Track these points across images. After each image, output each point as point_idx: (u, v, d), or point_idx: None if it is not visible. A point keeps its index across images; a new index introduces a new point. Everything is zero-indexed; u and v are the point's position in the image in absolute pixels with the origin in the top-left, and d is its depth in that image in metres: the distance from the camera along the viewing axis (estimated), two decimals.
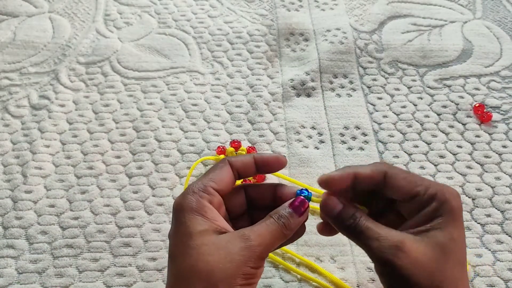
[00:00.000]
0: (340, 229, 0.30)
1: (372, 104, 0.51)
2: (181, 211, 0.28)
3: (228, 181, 0.30)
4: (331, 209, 0.29)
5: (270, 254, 0.38)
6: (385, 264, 0.27)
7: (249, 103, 0.51)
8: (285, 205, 0.29)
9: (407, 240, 0.27)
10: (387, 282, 0.28)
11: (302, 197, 0.30)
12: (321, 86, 0.53)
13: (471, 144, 0.47)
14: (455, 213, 0.28)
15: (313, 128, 0.49)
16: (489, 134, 0.48)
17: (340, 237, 0.38)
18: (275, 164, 0.31)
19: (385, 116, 0.50)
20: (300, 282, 0.37)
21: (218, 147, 0.46)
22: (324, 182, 0.30)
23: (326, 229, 0.32)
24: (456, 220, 0.28)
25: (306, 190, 0.30)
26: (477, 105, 0.50)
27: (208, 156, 0.45)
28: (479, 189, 0.44)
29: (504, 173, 0.45)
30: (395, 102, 0.51)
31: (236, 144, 0.46)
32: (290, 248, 0.39)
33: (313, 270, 0.38)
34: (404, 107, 0.51)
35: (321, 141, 0.47)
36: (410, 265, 0.26)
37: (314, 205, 0.36)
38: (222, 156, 0.45)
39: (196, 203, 0.28)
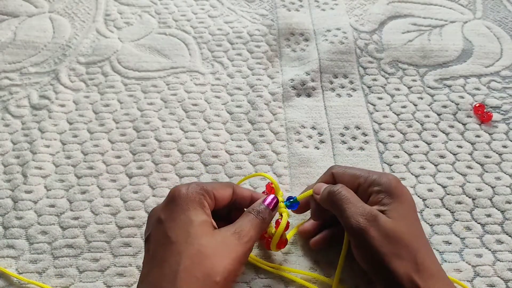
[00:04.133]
0: (324, 200, 0.34)
1: (372, 104, 0.51)
2: (183, 198, 0.31)
3: (226, 201, 0.34)
4: (319, 188, 0.35)
5: (269, 264, 0.38)
6: (359, 234, 0.30)
7: (249, 103, 0.51)
8: (259, 202, 0.34)
9: (380, 213, 0.31)
10: (359, 253, 0.31)
11: (272, 195, 0.35)
12: (321, 86, 0.53)
13: (471, 144, 0.47)
14: (394, 189, 0.32)
15: (313, 128, 0.49)
16: (489, 134, 0.48)
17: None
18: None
19: (385, 116, 0.50)
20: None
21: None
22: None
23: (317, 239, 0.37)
24: (397, 195, 0.32)
25: (293, 197, 0.37)
26: (477, 105, 0.50)
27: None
28: (479, 189, 0.44)
29: (504, 173, 0.45)
30: (396, 102, 0.51)
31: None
32: (290, 265, 0.39)
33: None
34: (404, 107, 0.51)
35: (322, 141, 0.47)
36: (381, 237, 0.30)
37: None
38: (275, 183, 0.39)
39: (200, 198, 0.31)
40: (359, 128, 0.49)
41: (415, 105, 0.51)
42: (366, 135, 0.48)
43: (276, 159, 0.46)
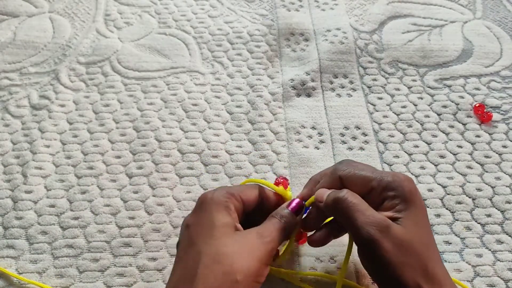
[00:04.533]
0: (329, 208, 0.32)
1: (372, 104, 0.51)
2: (209, 203, 0.31)
3: (253, 202, 0.34)
4: (321, 194, 0.33)
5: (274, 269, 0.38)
6: (370, 245, 0.29)
7: (249, 103, 0.51)
8: (283, 207, 0.34)
9: (392, 223, 0.30)
10: (368, 263, 0.30)
11: (297, 199, 0.34)
12: (321, 86, 0.53)
13: (471, 144, 0.47)
14: (409, 195, 0.31)
15: (313, 128, 0.49)
16: (489, 134, 0.48)
17: (339, 238, 0.37)
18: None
19: (385, 116, 0.50)
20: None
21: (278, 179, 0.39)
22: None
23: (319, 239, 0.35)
24: (413, 201, 0.31)
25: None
26: (477, 105, 0.50)
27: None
28: (479, 189, 0.44)
29: (504, 173, 0.45)
30: (395, 102, 0.51)
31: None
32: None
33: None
34: (404, 107, 0.51)
35: (322, 141, 0.47)
36: (393, 248, 0.28)
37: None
38: (281, 188, 0.37)
39: (225, 201, 0.31)
40: (359, 128, 0.49)
41: (415, 105, 0.51)
42: (366, 135, 0.48)
43: (276, 159, 0.46)
